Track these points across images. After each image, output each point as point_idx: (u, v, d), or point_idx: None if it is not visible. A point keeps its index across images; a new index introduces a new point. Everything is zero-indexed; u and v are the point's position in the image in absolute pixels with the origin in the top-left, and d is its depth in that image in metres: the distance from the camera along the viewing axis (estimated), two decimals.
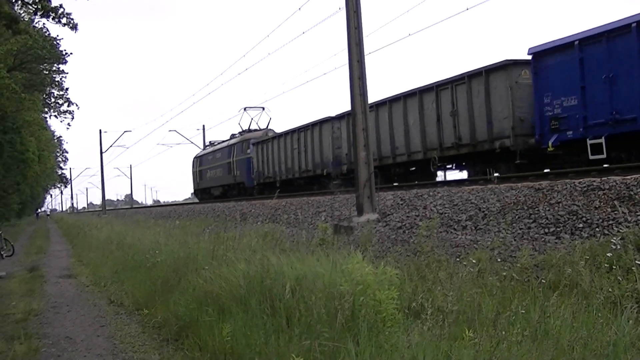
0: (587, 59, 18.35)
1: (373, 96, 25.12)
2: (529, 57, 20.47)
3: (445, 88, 23.89)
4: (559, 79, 19.28)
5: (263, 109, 50.74)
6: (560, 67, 19.25)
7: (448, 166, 25.51)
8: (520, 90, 20.91)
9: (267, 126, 49.24)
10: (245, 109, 50.11)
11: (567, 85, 19.04)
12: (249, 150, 44.28)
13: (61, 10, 26.66)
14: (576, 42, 18.57)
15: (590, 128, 18.32)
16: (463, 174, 24.98)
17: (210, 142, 60.81)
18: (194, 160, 60.27)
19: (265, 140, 42.02)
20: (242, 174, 45.53)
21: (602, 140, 17.70)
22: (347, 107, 21.93)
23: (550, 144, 19.36)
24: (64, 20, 27.53)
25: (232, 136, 51.10)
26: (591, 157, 18.03)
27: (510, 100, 20.86)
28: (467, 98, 22.73)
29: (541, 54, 19.95)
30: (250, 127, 49.61)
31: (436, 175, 26.44)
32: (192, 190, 65.19)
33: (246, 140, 45.86)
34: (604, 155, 17.63)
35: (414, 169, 27.48)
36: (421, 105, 25.19)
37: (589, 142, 18.07)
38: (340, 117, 32.60)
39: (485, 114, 21.83)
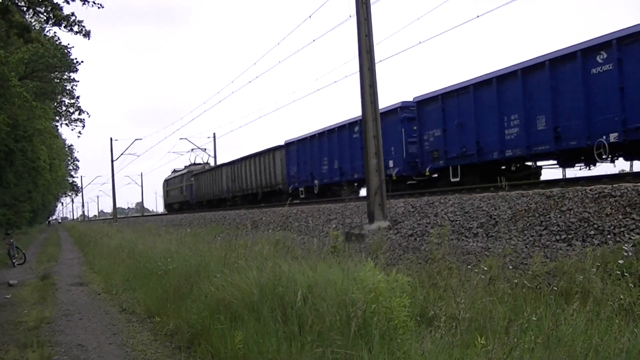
0: (446, 109, 25.35)
1: (383, 103, 24.97)
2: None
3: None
4: (432, 122, 26.22)
5: (205, 149, 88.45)
6: (432, 113, 26.18)
7: None
8: (409, 128, 27.84)
9: (206, 161, 72.07)
10: (192, 150, 76.51)
11: (436, 126, 25.94)
12: (192, 179, 65.79)
13: (73, 18, 26.78)
14: (439, 96, 25.58)
15: (450, 159, 25.14)
16: None
17: (174, 169, 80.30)
18: (164, 183, 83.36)
19: (201, 172, 63.45)
20: (188, 194, 67.90)
21: (458, 168, 24.61)
22: (356, 113, 22.02)
23: (427, 170, 26.36)
24: (76, 28, 27.65)
25: (185, 167, 73.34)
26: (452, 180, 24.76)
27: (403, 137, 27.88)
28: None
29: (421, 102, 26.82)
30: (195, 162, 73.28)
31: None
32: (163, 205, 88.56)
33: (190, 171, 68.16)
34: (459, 179, 24.47)
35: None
36: None
37: (450, 169, 24.97)
38: (263, 152, 44.65)
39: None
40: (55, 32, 47.23)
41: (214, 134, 77.23)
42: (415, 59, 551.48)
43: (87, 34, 28.63)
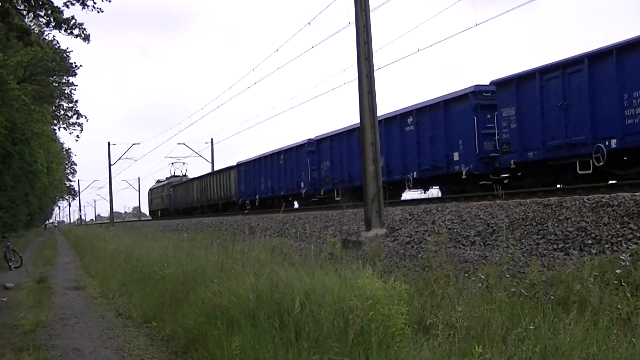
0: (334, 146, 34.53)
1: (382, 110, 24.91)
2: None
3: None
4: (328, 154, 35.29)
5: (184, 163, 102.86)
6: (328, 148, 35.30)
7: None
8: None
9: (185, 173, 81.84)
10: (172, 164, 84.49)
11: (328, 157, 35.30)
12: (171, 189, 76.16)
13: (73, 21, 26.79)
14: (329, 137, 35.29)
15: (336, 184, 34.43)
16: None
17: (157, 180, 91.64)
18: (148, 192, 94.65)
19: (178, 184, 74.65)
20: (168, 203, 77.65)
21: (341, 191, 33.31)
22: (354, 121, 22.04)
23: (321, 191, 36.02)
24: (76, 32, 27.68)
25: (167, 178, 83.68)
26: (336, 198, 33.23)
27: (308, 166, 36.76)
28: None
29: (320, 141, 36.58)
30: (175, 174, 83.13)
31: None
32: (148, 211, 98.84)
33: (170, 183, 79.27)
34: (339, 198, 32.62)
35: None
36: None
37: (335, 191, 34.08)
38: (222, 170, 56.20)
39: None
40: (54, 36, 47.21)
41: (212, 139, 77.05)
42: (415, 66, 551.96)
43: (86, 38, 28.67)
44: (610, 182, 18.27)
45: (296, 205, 41.37)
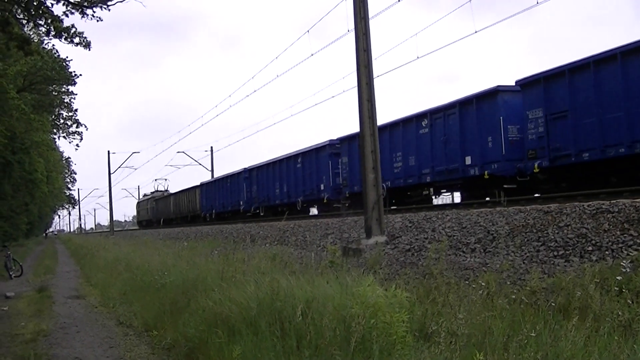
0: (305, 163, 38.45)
1: (382, 119, 24.87)
2: None
3: None
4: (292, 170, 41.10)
5: (166, 180, 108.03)
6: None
7: None
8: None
9: (167, 189, 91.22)
10: (155, 180, 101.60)
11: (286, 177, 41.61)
12: (154, 203, 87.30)
13: (73, 30, 26.78)
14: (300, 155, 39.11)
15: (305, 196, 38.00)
16: None
17: (144, 194, 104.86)
18: (136, 204, 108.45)
19: (159, 198, 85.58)
20: (152, 214, 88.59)
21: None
22: (354, 129, 21.99)
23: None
24: (76, 40, 27.64)
25: (152, 193, 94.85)
26: (299, 208, 38.33)
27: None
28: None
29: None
30: (158, 189, 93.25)
31: None
32: (136, 221, 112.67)
33: (153, 197, 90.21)
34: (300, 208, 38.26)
35: None
36: None
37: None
38: (190, 188, 67.02)
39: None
40: (53, 45, 47.20)
41: (212, 147, 77.30)
42: (414, 73, 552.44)
43: (87, 45, 28.62)
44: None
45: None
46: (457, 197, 28.16)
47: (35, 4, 21.98)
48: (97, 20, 23.29)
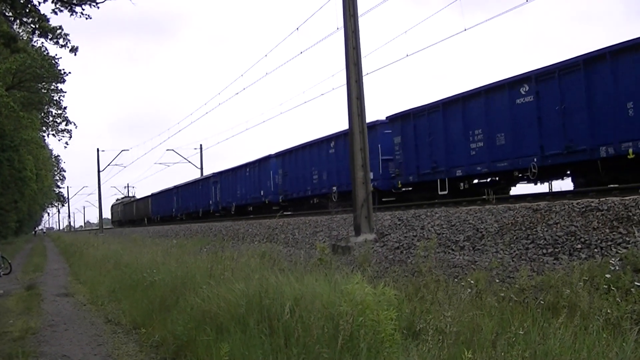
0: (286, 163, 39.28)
1: (370, 117, 24.82)
2: None
3: None
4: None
5: (134, 187, 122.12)
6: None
7: None
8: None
9: (134, 195, 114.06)
10: (127, 186, 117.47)
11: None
12: (123, 207, 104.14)
13: (59, 31, 26.71)
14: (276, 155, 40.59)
15: (286, 194, 38.57)
16: None
17: (117, 199, 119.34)
18: (111, 207, 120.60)
19: (127, 202, 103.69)
20: (122, 216, 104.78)
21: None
22: (343, 127, 21.89)
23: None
24: (61, 41, 27.56)
25: (122, 198, 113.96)
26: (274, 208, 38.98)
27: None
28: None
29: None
30: (128, 195, 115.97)
31: None
32: (111, 221, 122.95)
33: (122, 202, 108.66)
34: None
35: None
36: None
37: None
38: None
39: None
40: (42, 43, 47.14)
41: (201, 145, 77.43)
42: (403, 71, 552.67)
43: (73, 49, 28.47)
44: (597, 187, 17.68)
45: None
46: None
47: (21, 1, 21.88)
48: (86, 18, 23.25)
